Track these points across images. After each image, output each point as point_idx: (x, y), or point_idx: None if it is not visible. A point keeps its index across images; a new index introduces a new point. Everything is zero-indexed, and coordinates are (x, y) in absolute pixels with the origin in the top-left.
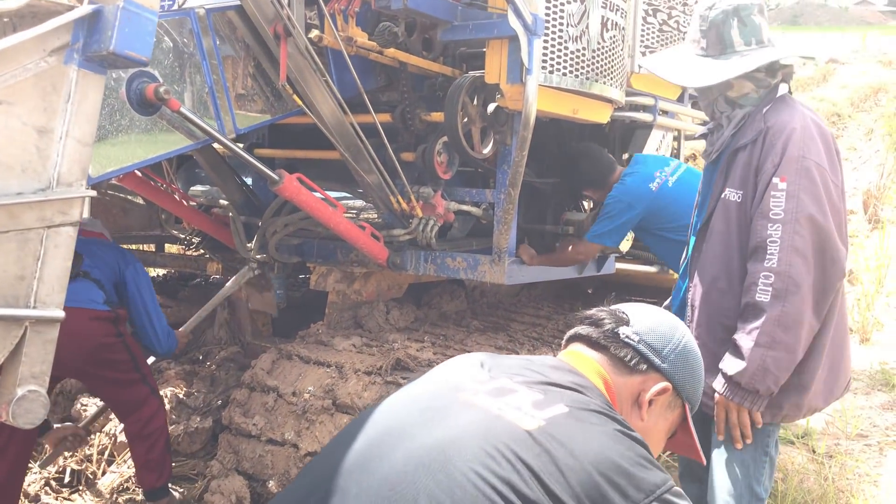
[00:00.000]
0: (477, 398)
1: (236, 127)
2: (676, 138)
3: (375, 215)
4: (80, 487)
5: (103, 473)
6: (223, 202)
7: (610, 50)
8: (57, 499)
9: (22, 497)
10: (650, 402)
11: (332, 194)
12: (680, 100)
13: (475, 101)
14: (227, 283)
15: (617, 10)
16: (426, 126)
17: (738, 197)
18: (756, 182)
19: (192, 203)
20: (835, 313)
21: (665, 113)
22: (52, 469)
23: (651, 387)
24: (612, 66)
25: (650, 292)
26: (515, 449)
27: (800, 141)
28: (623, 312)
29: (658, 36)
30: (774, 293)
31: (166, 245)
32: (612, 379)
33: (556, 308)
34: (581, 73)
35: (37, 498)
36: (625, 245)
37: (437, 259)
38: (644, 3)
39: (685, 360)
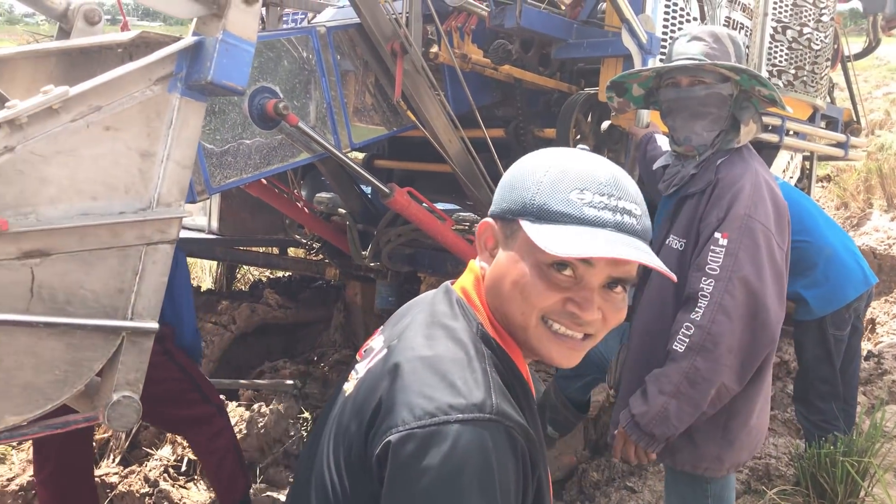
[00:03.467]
0: None
1: (352, 141)
2: (808, 158)
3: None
4: (195, 476)
5: None
6: (342, 210)
7: None
8: (174, 486)
9: (143, 482)
10: (485, 247)
11: (446, 207)
12: (811, 120)
13: (589, 119)
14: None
15: (741, 28)
16: (539, 142)
17: (681, 245)
18: (699, 233)
19: (314, 210)
20: (765, 375)
21: (794, 134)
22: (171, 457)
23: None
24: None
25: None
26: None
27: (748, 199)
28: None
29: (787, 54)
30: (690, 345)
31: (289, 249)
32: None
33: None
34: None
35: (155, 483)
36: None
37: None
38: (773, 20)
39: (500, 188)
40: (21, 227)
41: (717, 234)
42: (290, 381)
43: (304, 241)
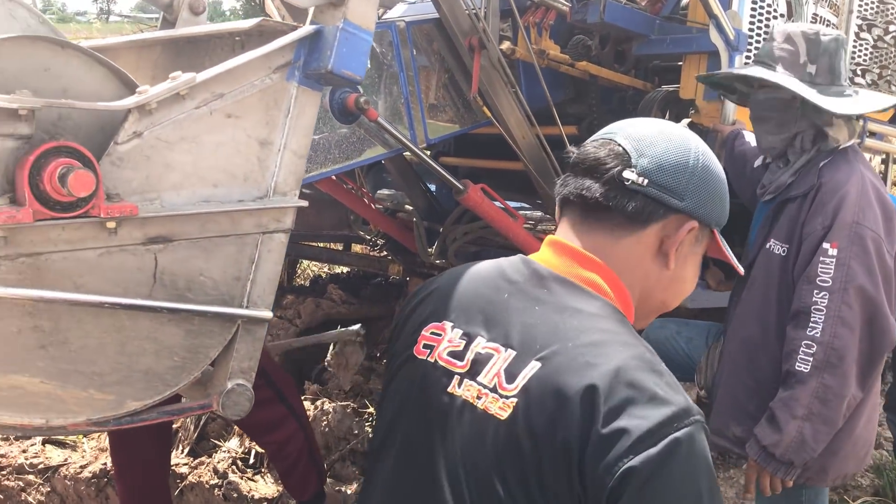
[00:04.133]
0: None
1: (427, 137)
2: (884, 161)
3: (554, 227)
4: (262, 469)
5: None
6: (408, 207)
7: None
8: (241, 478)
9: (212, 473)
10: (674, 246)
11: (511, 204)
12: (892, 121)
13: (667, 116)
14: (330, 332)
15: (828, 25)
16: None
17: (783, 250)
18: (801, 239)
19: (379, 206)
20: (875, 386)
21: (873, 135)
22: (238, 449)
23: (674, 232)
24: None
25: None
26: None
27: (854, 205)
28: (620, 145)
29: (872, 52)
30: (815, 364)
31: (353, 244)
32: (614, 253)
33: None
34: None
35: (224, 475)
36: None
37: None
38: (858, 18)
39: (706, 186)
40: (147, 212)
41: (825, 245)
42: (354, 328)
43: (369, 237)
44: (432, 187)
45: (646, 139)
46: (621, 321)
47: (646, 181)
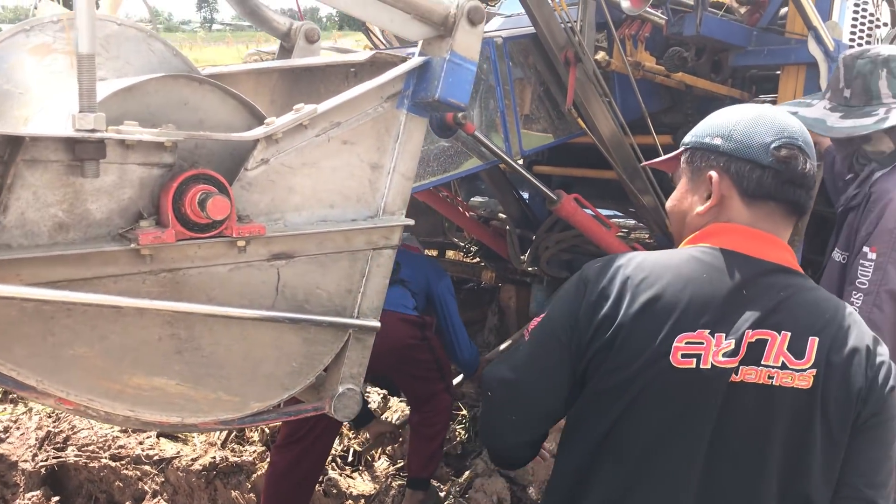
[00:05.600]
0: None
1: (522, 148)
2: None
3: (647, 236)
4: (360, 467)
5: (380, 457)
6: (501, 215)
7: None
8: (341, 475)
9: None
10: None
11: (604, 212)
12: None
13: None
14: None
15: None
16: None
17: (843, 258)
18: (855, 246)
19: (472, 214)
20: None
21: None
22: (338, 447)
23: None
24: None
25: None
26: None
27: None
28: (808, 157)
29: None
30: None
31: (447, 251)
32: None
33: None
34: None
35: (325, 472)
36: None
37: None
38: None
39: None
40: (272, 232)
41: (865, 249)
42: None
43: (463, 244)
44: (525, 196)
45: (812, 149)
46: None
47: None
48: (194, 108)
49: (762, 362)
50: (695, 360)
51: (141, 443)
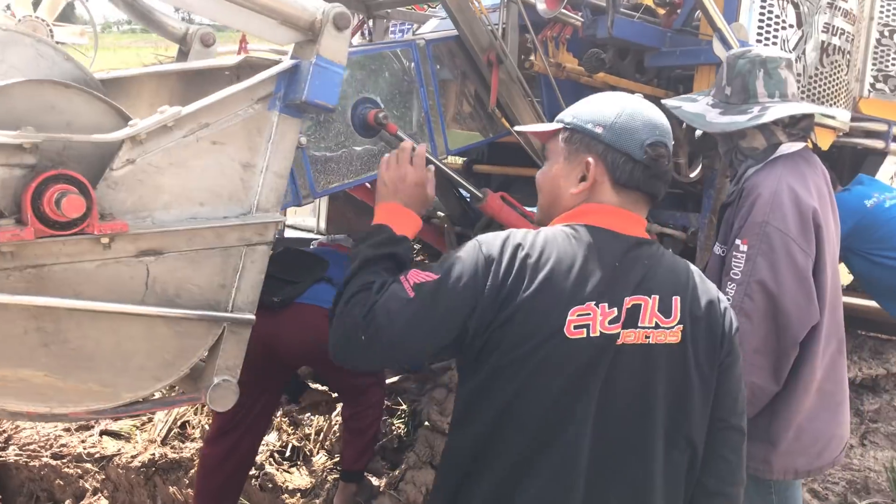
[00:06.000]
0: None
1: (448, 147)
2: None
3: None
4: (298, 462)
5: (317, 452)
6: (440, 213)
7: (830, 76)
8: (278, 469)
9: None
10: None
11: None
12: None
13: (683, 125)
14: None
15: (842, 34)
16: None
17: (722, 251)
18: (730, 239)
19: None
20: (802, 378)
21: None
22: (277, 443)
23: None
24: (833, 93)
25: (869, 326)
26: None
27: (765, 206)
28: (663, 142)
29: (895, 58)
30: None
31: None
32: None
33: None
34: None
35: (262, 466)
36: (846, 278)
37: None
38: (880, 24)
39: None
40: (139, 229)
41: (738, 241)
42: None
43: None
44: (465, 194)
45: (672, 140)
46: None
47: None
48: (61, 112)
49: (639, 324)
50: (585, 329)
51: (83, 441)
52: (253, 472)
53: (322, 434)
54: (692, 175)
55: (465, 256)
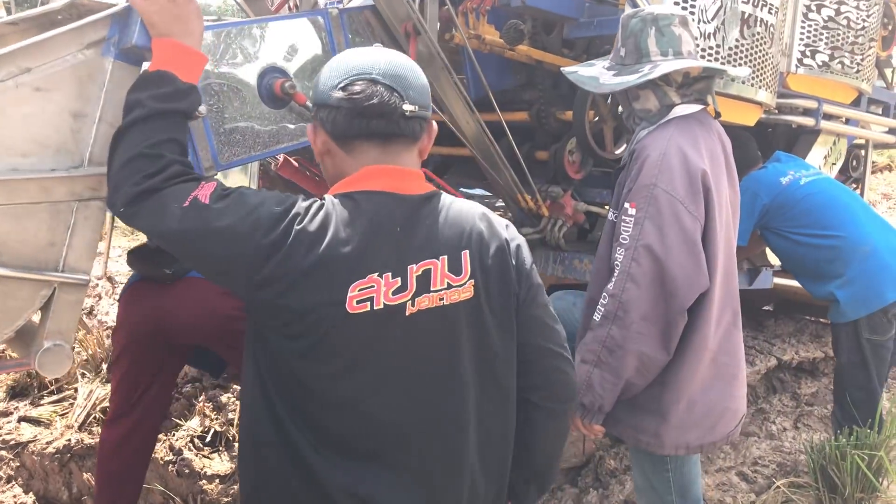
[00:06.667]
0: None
1: None
2: (861, 146)
3: (511, 214)
4: (220, 448)
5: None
6: None
7: (752, 48)
8: (197, 455)
9: (167, 450)
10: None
11: (478, 192)
12: (856, 104)
13: (608, 100)
14: None
15: (764, 5)
16: (561, 125)
17: (614, 216)
18: (620, 203)
19: None
20: (694, 347)
21: (835, 118)
22: (198, 428)
23: (427, 137)
24: (756, 65)
25: (813, 310)
26: None
27: (653, 168)
28: (364, 78)
29: (823, 34)
30: (605, 314)
31: None
32: (411, 162)
33: None
34: None
35: (180, 452)
36: (775, 259)
37: (564, 260)
38: None
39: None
40: None
41: (626, 205)
42: None
43: None
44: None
45: (400, 77)
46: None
47: (417, 108)
48: None
49: (431, 289)
50: (368, 303)
51: (0, 427)
52: (171, 457)
53: None
54: (617, 151)
55: (257, 201)
